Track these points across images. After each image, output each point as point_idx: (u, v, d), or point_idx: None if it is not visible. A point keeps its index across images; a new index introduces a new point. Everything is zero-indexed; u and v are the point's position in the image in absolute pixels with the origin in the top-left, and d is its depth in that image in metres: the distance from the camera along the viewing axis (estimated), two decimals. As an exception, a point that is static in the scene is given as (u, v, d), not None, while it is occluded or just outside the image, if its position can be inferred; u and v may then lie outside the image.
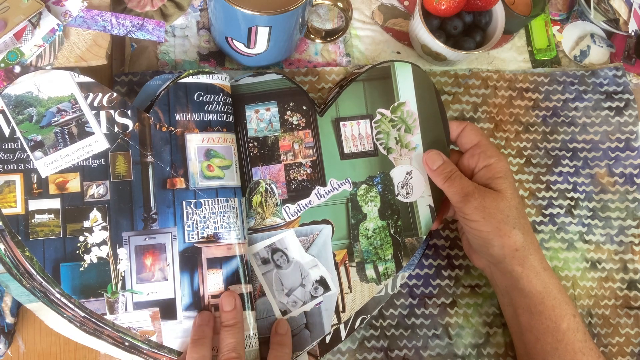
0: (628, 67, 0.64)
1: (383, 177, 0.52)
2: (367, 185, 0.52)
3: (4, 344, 0.49)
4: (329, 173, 0.52)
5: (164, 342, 0.46)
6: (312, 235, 0.51)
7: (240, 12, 0.47)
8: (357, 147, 0.53)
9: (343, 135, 0.53)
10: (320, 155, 0.53)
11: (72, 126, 0.47)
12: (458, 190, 0.48)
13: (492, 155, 0.48)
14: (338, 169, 0.52)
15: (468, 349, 0.54)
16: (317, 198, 0.52)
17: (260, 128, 0.52)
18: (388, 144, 0.53)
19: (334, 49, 0.61)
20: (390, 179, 0.52)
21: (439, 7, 0.55)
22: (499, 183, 0.47)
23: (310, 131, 0.53)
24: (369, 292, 0.51)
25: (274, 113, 0.53)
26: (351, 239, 0.52)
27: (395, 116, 0.53)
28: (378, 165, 0.53)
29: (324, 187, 0.52)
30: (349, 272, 0.51)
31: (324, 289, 0.50)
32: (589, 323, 0.56)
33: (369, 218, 0.52)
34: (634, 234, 0.58)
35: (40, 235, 0.45)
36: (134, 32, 0.54)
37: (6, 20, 0.49)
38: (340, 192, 0.52)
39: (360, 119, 0.53)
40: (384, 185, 0.52)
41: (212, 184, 0.49)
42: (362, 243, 0.51)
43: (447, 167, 0.49)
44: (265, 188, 0.51)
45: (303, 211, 0.51)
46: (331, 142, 0.53)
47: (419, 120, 0.53)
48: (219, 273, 0.47)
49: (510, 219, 0.46)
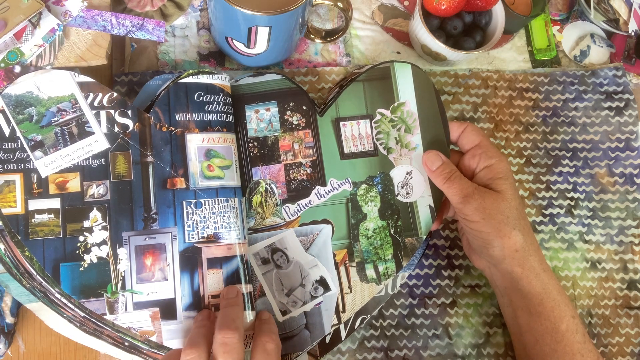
0: (628, 67, 0.64)
1: (383, 177, 0.52)
2: (367, 185, 0.52)
3: (4, 344, 0.49)
4: (329, 173, 0.52)
5: (164, 343, 0.46)
6: (312, 235, 0.51)
7: (240, 12, 0.47)
8: (357, 147, 0.53)
9: (343, 135, 0.53)
10: (320, 155, 0.52)
11: (72, 126, 0.47)
12: (458, 191, 0.47)
13: (493, 155, 0.48)
14: (338, 168, 0.52)
15: (468, 349, 0.54)
16: (317, 198, 0.52)
17: (260, 128, 0.52)
18: (388, 144, 0.53)
19: (334, 49, 0.61)
20: (390, 179, 0.52)
21: (439, 7, 0.55)
22: (500, 184, 0.47)
23: (310, 131, 0.53)
24: (369, 292, 0.51)
25: (274, 113, 0.53)
26: (351, 239, 0.51)
27: (395, 116, 0.53)
28: (378, 165, 0.52)
29: (324, 187, 0.52)
30: (349, 272, 0.51)
31: (324, 289, 0.50)
32: (589, 323, 0.56)
33: (369, 218, 0.52)
34: (634, 234, 0.58)
35: (40, 235, 0.45)
36: (134, 32, 0.54)
37: (6, 20, 0.49)
38: (340, 192, 0.52)
39: (360, 119, 0.53)
40: (384, 185, 0.52)
41: (212, 184, 0.49)
42: (362, 243, 0.51)
43: (447, 167, 0.49)
44: (265, 188, 0.51)
45: (303, 211, 0.51)
46: (331, 142, 0.53)
47: (418, 121, 0.53)
48: (219, 273, 0.47)
49: (510, 220, 0.46)
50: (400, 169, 0.52)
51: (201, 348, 0.41)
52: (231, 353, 0.40)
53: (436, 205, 0.52)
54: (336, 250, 0.51)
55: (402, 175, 0.52)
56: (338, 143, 0.53)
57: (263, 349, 0.42)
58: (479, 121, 0.60)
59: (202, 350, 0.41)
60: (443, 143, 0.52)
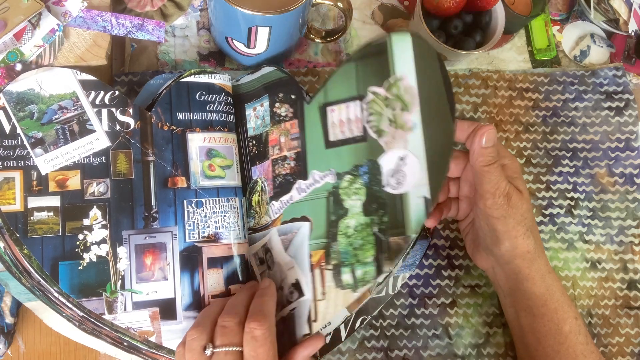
0: (628, 67, 0.64)
1: (371, 166, 0.46)
2: (351, 176, 0.46)
3: (4, 344, 0.48)
4: (311, 164, 0.48)
5: (163, 343, 0.46)
6: (292, 234, 0.47)
7: (240, 12, 0.47)
8: (344, 134, 0.47)
9: (330, 122, 0.47)
10: (304, 146, 0.49)
11: (73, 124, 0.47)
12: (495, 179, 0.44)
13: (506, 155, 0.47)
14: (322, 159, 0.47)
15: (468, 349, 0.54)
16: (297, 193, 0.48)
17: (257, 126, 0.51)
18: (380, 126, 0.46)
19: (334, 49, 0.61)
20: (378, 166, 0.46)
21: (439, 7, 0.56)
22: (519, 183, 0.46)
23: (297, 121, 0.50)
24: (343, 300, 0.45)
25: (266, 107, 0.51)
26: (329, 238, 0.46)
27: (391, 93, 0.46)
28: (366, 152, 0.46)
29: (305, 180, 0.48)
30: (324, 275, 0.46)
31: (298, 293, 0.46)
32: (589, 323, 0.56)
33: (350, 214, 0.46)
34: (634, 234, 0.58)
35: (39, 233, 0.45)
36: (134, 33, 0.54)
37: (6, 20, 0.49)
38: (322, 185, 0.47)
39: (350, 102, 0.47)
40: (371, 174, 0.46)
41: (213, 184, 0.49)
42: (341, 243, 0.46)
43: (494, 151, 0.45)
44: (261, 186, 0.50)
45: (284, 208, 0.49)
46: (317, 130, 0.48)
47: (418, 96, 0.45)
48: (219, 273, 0.47)
49: (527, 222, 0.46)
50: (392, 154, 0.45)
51: (202, 329, 0.40)
52: (227, 336, 0.40)
53: (433, 196, 0.43)
54: (313, 250, 0.47)
55: (394, 162, 0.45)
56: (324, 130, 0.48)
57: (251, 337, 0.39)
58: (479, 121, 0.60)
59: (204, 332, 0.40)
60: (448, 121, 0.44)
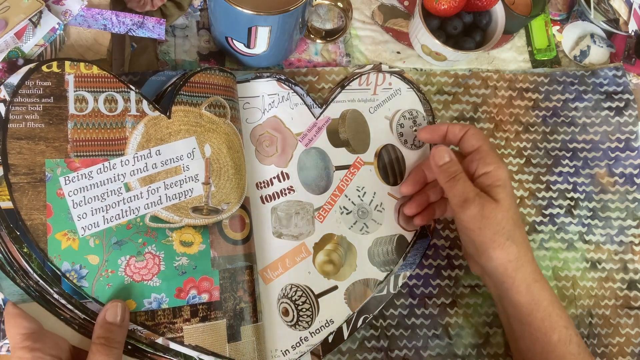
0: (628, 67, 0.64)
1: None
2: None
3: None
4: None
5: (170, 345, 0.44)
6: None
7: (240, 12, 0.47)
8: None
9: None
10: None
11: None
12: (459, 193, 0.46)
13: (491, 162, 0.47)
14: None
15: (468, 349, 0.54)
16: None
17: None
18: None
19: (334, 49, 0.61)
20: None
21: (439, 7, 0.56)
22: (498, 192, 0.46)
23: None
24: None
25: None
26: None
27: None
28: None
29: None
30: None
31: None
32: (589, 323, 0.56)
33: None
34: (634, 234, 0.58)
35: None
36: (134, 30, 0.54)
37: (7, 19, 0.49)
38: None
39: None
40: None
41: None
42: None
43: (453, 166, 0.47)
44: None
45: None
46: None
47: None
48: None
49: (505, 231, 0.45)
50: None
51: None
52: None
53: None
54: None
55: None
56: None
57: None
58: (479, 121, 0.60)
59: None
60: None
